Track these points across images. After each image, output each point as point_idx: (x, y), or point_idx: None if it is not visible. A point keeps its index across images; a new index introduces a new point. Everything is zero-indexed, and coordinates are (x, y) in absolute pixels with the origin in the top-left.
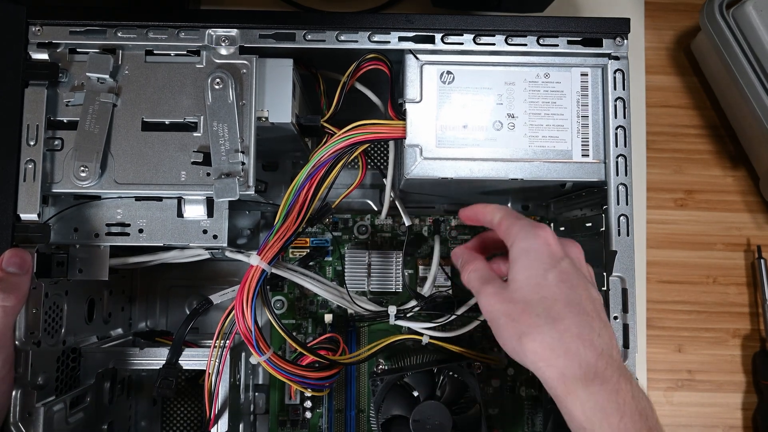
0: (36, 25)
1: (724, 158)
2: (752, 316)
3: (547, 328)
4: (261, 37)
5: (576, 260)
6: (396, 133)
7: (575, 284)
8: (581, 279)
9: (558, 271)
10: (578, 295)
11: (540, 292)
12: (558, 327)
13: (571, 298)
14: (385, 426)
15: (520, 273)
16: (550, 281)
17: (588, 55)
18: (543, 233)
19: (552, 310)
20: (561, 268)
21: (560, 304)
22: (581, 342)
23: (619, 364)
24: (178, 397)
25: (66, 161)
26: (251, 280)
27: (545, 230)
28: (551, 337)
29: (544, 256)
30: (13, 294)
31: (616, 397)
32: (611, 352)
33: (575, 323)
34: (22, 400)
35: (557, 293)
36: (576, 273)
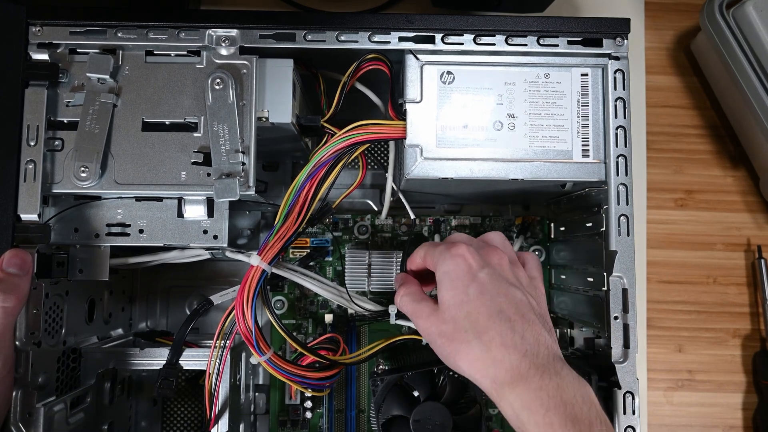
0: (36, 26)
1: (724, 158)
2: (752, 316)
3: (476, 342)
4: (261, 37)
5: (496, 266)
6: (396, 133)
7: (494, 293)
8: (501, 285)
9: (477, 284)
10: (498, 303)
11: (464, 308)
12: (483, 339)
13: (491, 309)
14: (386, 426)
15: (445, 294)
16: (471, 296)
17: (588, 55)
18: (458, 251)
19: (477, 323)
20: (479, 281)
21: (483, 317)
22: (505, 349)
23: (545, 359)
24: (179, 397)
25: (66, 161)
26: (251, 280)
27: (459, 248)
28: (480, 350)
29: (462, 274)
30: (13, 295)
31: (539, 394)
32: (537, 349)
33: (498, 332)
34: (22, 401)
35: (479, 306)
36: (494, 281)
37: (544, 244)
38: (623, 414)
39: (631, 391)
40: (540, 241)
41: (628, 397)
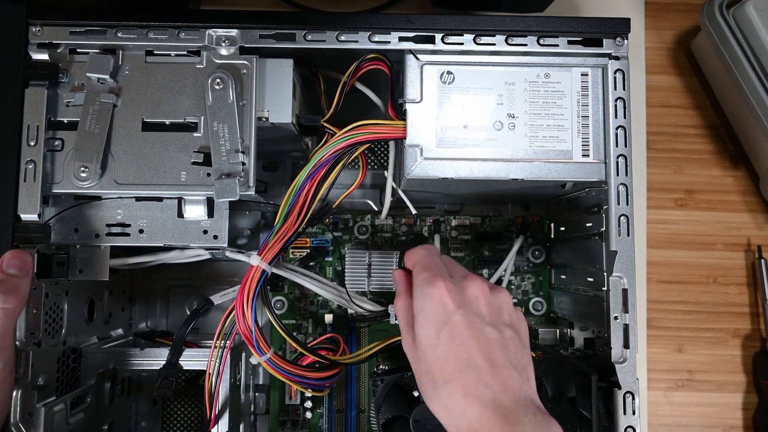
0: (36, 26)
1: (724, 158)
2: (752, 316)
3: (442, 390)
4: (261, 37)
5: (473, 302)
6: (396, 133)
7: (466, 336)
8: (474, 327)
9: (449, 329)
10: (467, 348)
11: (434, 352)
12: (448, 388)
13: (459, 356)
14: (386, 426)
15: (419, 332)
16: (441, 341)
17: (588, 55)
18: (435, 290)
19: (444, 371)
20: (452, 324)
21: (450, 365)
22: (467, 399)
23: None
24: (179, 397)
25: (66, 161)
26: (251, 280)
27: (438, 285)
28: (445, 399)
29: (435, 314)
30: (13, 296)
31: None
32: (501, 397)
33: (462, 383)
34: (22, 401)
35: (447, 353)
36: (468, 323)
37: (544, 244)
38: (623, 414)
39: (631, 391)
40: (540, 241)
41: (628, 397)
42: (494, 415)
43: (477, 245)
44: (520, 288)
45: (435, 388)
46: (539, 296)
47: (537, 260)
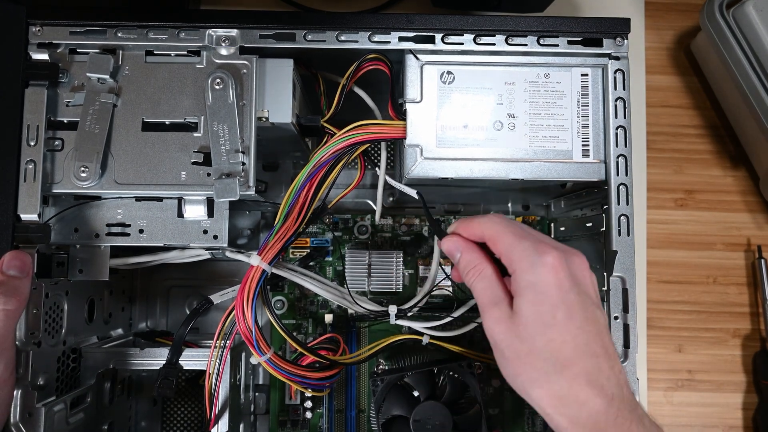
0: (36, 25)
1: (724, 158)
2: (752, 316)
3: (556, 376)
4: (261, 37)
5: (583, 282)
6: (396, 133)
7: (582, 320)
8: (588, 309)
9: (566, 307)
10: (586, 333)
11: (547, 333)
12: (566, 375)
13: (579, 340)
14: (386, 426)
15: (526, 308)
16: (558, 321)
17: (588, 55)
18: (550, 260)
19: (560, 354)
20: (568, 303)
21: (569, 348)
22: (591, 390)
23: (630, 403)
24: (179, 397)
25: (66, 161)
26: (251, 280)
27: (551, 255)
28: (560, 386)
29: (551, 290)
30: (14, 297)
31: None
32: (622, 392)
33: (584, 369)
34: (22, 401)
35: (565, 335)
36: (583, 304)
37: None
38: None
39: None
40: None
41: None
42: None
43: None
44: None
45: (545, 372)
46: None
47: None
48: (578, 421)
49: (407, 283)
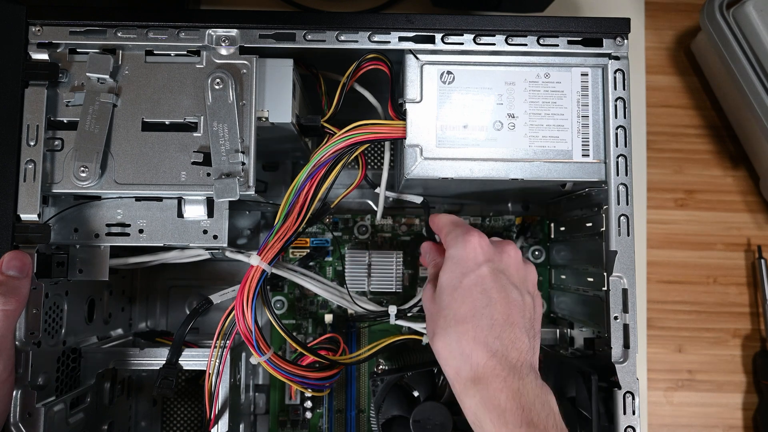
0: (36, 25)
1: (724, 158)
2: (752, 316)
3: (451, 330)
4: (261, 37)
5: (503, 264)
6: (396, 133)
7: (488, 288)
8: (498, 282)
9: (474, 276)
10: (488, 298)
11: (453, 294)
12: (458, 329)
13: (477, 302)
14: (386, 426)
15: (443, 277)
16: (463, 285)
17: (588, 55)
18: (472, 239)
19: (458, 313)
20: (478, 273)
21: (466, 308)
22: (475, 345)
23: (513, 363)
24: (178, 397)
25: (66, 161)
26: (251, 280)
27: (474, 236)
28: (451, 339)
29: (465, 262)
30: (13, 297)
31: (498, 395)
32: (508, 353)
33: (473, 326)
34: (22, 401)
35: (466, 297)
36: (494, 277)
37: (544, 244)
38: (623, 414)
39: (631, 391)
40: (540, 241)
41: (628, 397)
42: (500, 365)
43: None
44: None
45: (443, 327)
46: None
47: (537, 260)
48: (460, 372)
49: (407, 283)
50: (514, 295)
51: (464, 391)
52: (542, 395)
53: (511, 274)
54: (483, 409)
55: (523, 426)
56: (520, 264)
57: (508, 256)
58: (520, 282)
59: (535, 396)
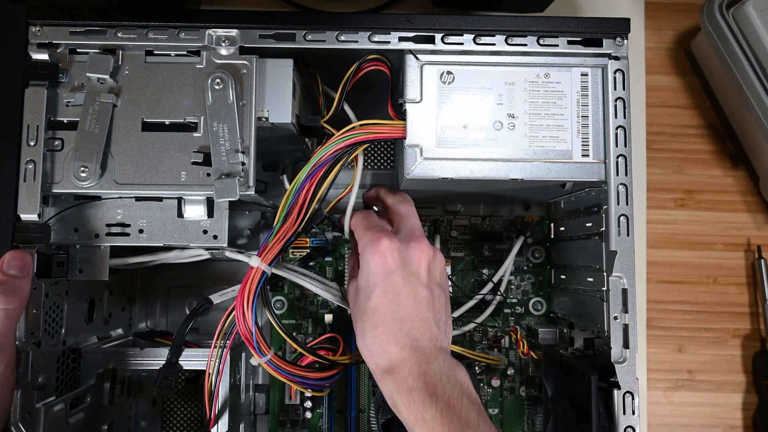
0: (36, 25)
1: (724, 158)
2: (752, 316)
3: (368, 333)
4: (261, 37)
5: (413, 267)
6: (396, 133)
7: (399, 292)
8: (408, 285)
9: (384, 286)
10: (398, 303)
11: (367, 303)
12: (374, 333)
13: (387, 309)
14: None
15: (359, 282)
16: (376, 294)
17: (588, 55)
18: (381, 246)
19: (372, 318)
20: (388, 283)
21: (378, 315)
22: (388, 343)
23: (422, 350)
24: (178, 397)
25: (66, 161)
26: (251, 281)
27: (383, 243)
28: (368, 341)
29: (375, 271)
30: (14, 296)
31: (407, 378)
32: (417, 343)
33: (386, 329)
34: (22, 401)
35: (378, 305)
36: (404, 281)
37: (544, 244)
38: (623, 414)
39: (631, 391)
40: (540, 241)
41: (627, 397)
42: (410, 354)
43: (477, 245)
44: (520, 288)
45: (362, 330)
46: (539, 296)
47: (537, 260)
48: (379, 365)
49: None
50: (423, 294)
51: (382, 380)
52: (449, 371)
53: (420, 275)
54: (396, 392)
55: (427, 399)
56: (429, 261)
57: (418, 258)
58: (429, 278)
59: (441, 373)
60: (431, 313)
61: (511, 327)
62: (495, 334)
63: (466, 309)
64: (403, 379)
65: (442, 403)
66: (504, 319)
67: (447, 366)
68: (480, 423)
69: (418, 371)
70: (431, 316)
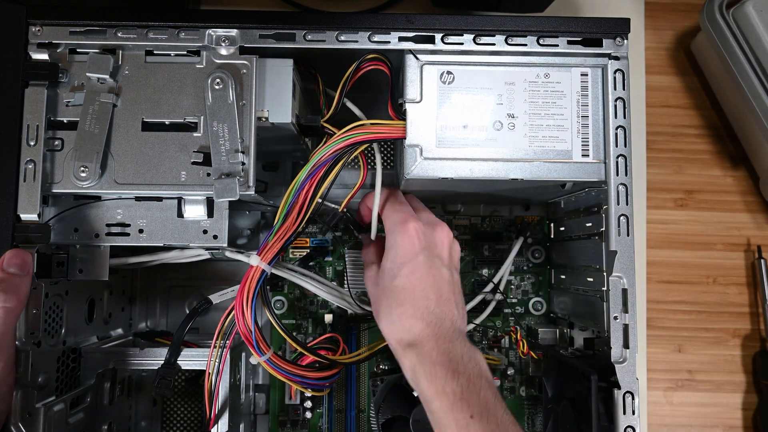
0: (36, 25)
1: (724, 158)
2: (752, 316)
3: (393, 312)
4: (261, 37)
5: (437, 249)
6: (396, 133)
7: (424, 273)
8: (433, 267)
9: (412, 265)
10: (424, 283)
11: (394, 281)
12: (399, 311)
13: (415, 288)
14: (385, 426)
15: (386, 263)
16: (403, 273)
17: (588, 55)
18: (409, 228)
19: (399, 296)
20: (415, 262)
21: (406, 292)
22: (414, 320)
23: (445, 330)
24: (178, 397)
25: (66, 161)
26: (251, 280)
27: (411, 224)
28: (394, 319)
29: (403, 251)
30: (14, 295)
31: (431, 353)
32: (441, 322)
33: (412, 306)
34: (22, 401)
35: (405, 283)
36: (429, 263)
37: (544, 244)
38: (623, 414)
39: (631, 391)
40: (540, 241)
41: (627, 397)
42: (433, 332)
43: (477, 245)
44: (520, 288)
45: (387, 308)
46: (539, 296)
47: (537, 260)
48: (402, 341)
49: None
50: (447, 276)
51: (404, 354)
52: (469, 352)
53: (443, 257)
54: (419, 365)
55: (449, 374)
56: (450, 244)
57: (441, 242)
58: (450, 262)
59: (462, 353)
60: (453, 295)
61: (511, 327)
62: (495, 334)
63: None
64: (427, 353)
65: (463, 379)
66: (504, 319)
67: (467, 347)
68: (497, 404)
69: (442, 347)
70: (453, 297)
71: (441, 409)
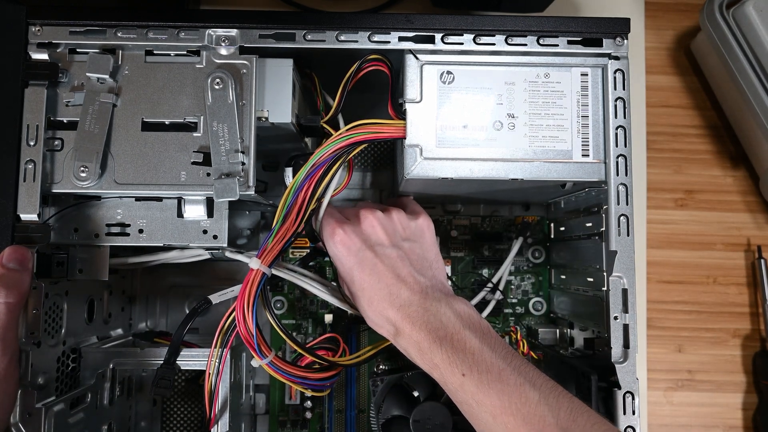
0: (36, 25)
1: (724, 158)
2: (752, 316)
3: (368, 311)
4: (261, 37)
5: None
6: (396, 133)
7: (372, 264)
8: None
9: (357, 266)
10: (375, 273)
11: (353, 286)
12: (373, 307)
13: (371, 281)
14: (386, 426)
15: (340, 273)
16: (355, 276)
17: (588, 55)
18: (336, 236)
19: (364, 296)
20: (358, 262)
21: (367, 291)
22: (386, 311)
23: (417, 305)
24: (179, 397)
25: (66, 161)
26: (252, 284)
27: (338, 233)
28: (372, 315)
29: (343, 259)
30: (14, 290)
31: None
32: (410, 298)
33: (379, 299)
34: (22, 401)
35: (362, 283)
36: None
37: (544, 244)
38: (623, 414)
39: (631, 391)
40: (540, 241)
41: (628, 397)
42: (407, 310)
43: (477, 245)
44: (520, 288)
45: (364, 309)
46: (539, 296)
47: (537, 260)
48: (389, 332)
49: None
50: (392, 254)
51: (396, 344)
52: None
53: (382, 240)
54: (408, 348)
55: (434, 345)
56: (383, 224)
57: (371, 227)
58: (392, 238)
59: (440, 315)
60: (410, 267)
61: (511, 327)
62: None
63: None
64: (408, 336)
65: (446, 344)
66: (504, 319)
67: (445, 304)
68: (483, 349)
69: (419, 323)
70: (411, 269)
71: (440, 379)
